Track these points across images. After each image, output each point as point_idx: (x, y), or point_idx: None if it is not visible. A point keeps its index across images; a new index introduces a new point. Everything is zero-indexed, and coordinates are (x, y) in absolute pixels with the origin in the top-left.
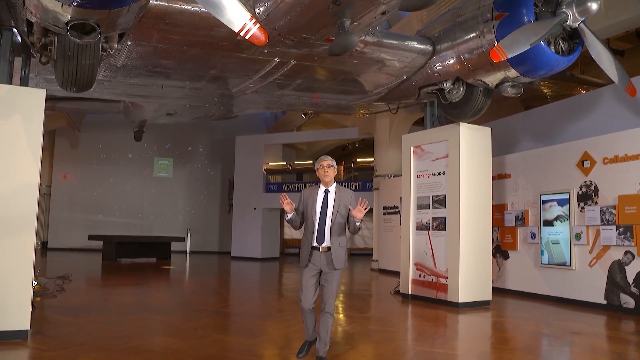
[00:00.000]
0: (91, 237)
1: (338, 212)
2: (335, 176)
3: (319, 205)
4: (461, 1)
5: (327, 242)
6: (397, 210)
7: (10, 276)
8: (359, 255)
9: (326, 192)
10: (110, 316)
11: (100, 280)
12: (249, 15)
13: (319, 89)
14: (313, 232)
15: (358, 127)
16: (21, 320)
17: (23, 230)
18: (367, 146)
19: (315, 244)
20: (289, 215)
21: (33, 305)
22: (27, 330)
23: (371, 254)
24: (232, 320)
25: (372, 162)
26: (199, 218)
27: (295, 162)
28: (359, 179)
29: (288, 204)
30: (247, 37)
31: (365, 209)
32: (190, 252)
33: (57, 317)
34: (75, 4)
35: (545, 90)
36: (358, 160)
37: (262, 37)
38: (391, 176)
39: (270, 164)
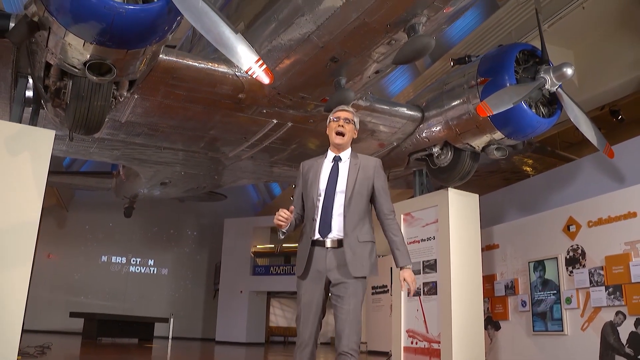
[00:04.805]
0: (72, 315)
1: (355, 189)
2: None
3: (323, 179)
4: (447, 72)
5: (336, 233)
6: (386, 289)
7: (2, 309)
8: None
9: (336, 159)
10: None
11: (81, 351)
12: (256, 57)
13: (312, 157)
14: (314, 219)
15: None
16: (8, 354)
17: (19, 264)
18: None
19: (317, 237)
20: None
21: None
22: None
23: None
24: None
25: None
26: (183, 303)
27: (284, 245)
28: None
29: (285, 219)
30: (254, 77)
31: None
32: (173, 337)
33: None
34: (96, 42)
35: (527, 169)
36: None
37: (267, 79)
38: (380, 256)
39: (258, 246)
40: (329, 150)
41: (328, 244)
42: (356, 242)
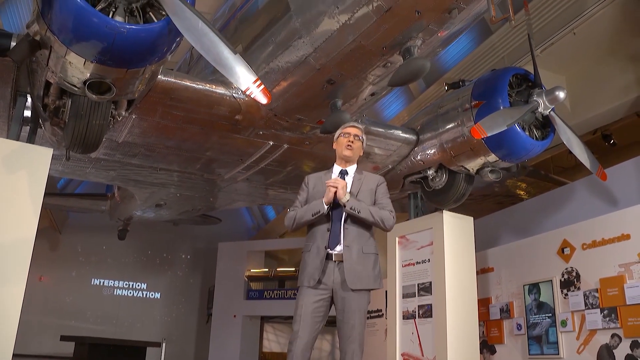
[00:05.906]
0: (63, 338)
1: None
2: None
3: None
4: (441, 96)
5: (341, 246)
6: (380, 313)
7: None
8: None
9: (343, 173)
10: None
11: None
12: (254, 77)
13: None
14: (326, 230)
15: None
16: None
17: (13, 284)
18: None
19: (330, 250)
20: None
21: None
22: None
23: None
24: None
25: None
26: (175, 327)
27: (278, 269)
28: None
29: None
30: (252, 97)
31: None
32: None
33: None
34: (97, 61)
35: (520, 193)
36: None
37: (265, 99)
38: None
39: (252, 270)
40: (335, 165)
41: (337, 257)
42: (360, 254)
